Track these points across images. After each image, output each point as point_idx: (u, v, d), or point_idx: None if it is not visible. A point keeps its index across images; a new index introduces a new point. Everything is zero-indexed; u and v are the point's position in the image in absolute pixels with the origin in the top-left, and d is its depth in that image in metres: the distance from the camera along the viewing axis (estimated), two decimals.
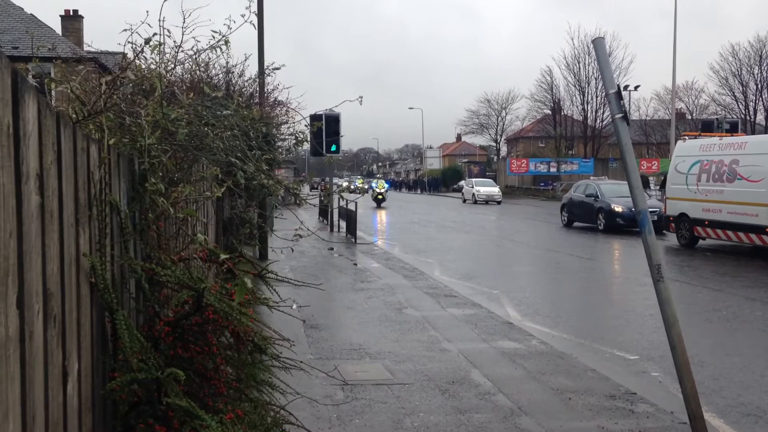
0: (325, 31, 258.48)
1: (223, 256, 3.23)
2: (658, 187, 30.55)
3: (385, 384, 5.72)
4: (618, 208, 20.33)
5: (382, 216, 30.99)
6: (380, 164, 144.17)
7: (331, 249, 15.71)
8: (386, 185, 40.68)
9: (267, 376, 3.44)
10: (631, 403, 5.28)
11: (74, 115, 2.63)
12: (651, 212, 17.89)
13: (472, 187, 44.63)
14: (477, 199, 42.75)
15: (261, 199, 7.89)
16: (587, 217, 22.33)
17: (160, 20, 3.30)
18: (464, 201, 45.34)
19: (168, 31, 3.42)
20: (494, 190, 43.71)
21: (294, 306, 3.90)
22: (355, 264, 13.49)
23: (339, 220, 20.95)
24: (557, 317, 8.90)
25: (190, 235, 3.71)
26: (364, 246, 16.93)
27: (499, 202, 41.92)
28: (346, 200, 20.08)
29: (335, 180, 49.06)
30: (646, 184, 32.16)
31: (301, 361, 3.80)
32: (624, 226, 20.27)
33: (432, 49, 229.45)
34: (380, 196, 38.32)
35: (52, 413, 1.83)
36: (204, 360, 2.92)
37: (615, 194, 20.91)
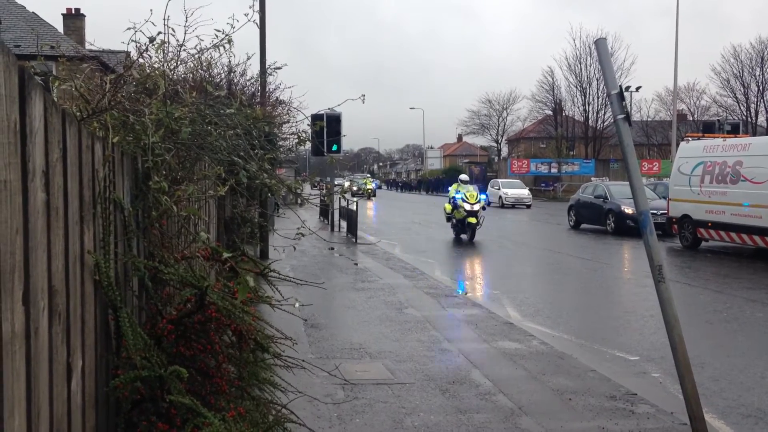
0: (325, 32, 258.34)
1: (226, 255, 3.24)
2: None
3: (386, 383, 5.73)
4: (628, 210, 19.84)
5: (383, 217, 30.95)
6: (381, 164, 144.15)
7: (332, 248, 15.72)
8: (482, 196, 19.08)
9: (269, 375, 3.45)
10: (631, 404, 5.29)
11: (79, 113, 2.64)
12: (661, 213, 18.01)
13: (499, 188, 39.99)
14: (504, 202, 38.43)
15: (263, 198, 7.90)
16: (596, 219, 22.04)
17: (164, 19, 3.31)
18: (488, 204, 43.21)
19: (172, 30, 3.43)
20: (524, 192, 39.59)
21: (297, 305, 3.91)
22: (356, 263, 13.50)
23: (340, 220, 20.96)
24: (558, 318, 8.91)
25: (193, 233, 3.72)
26: (364, 246, 16.93)
27: (528, 206, 37.88)
28: (347, 200, 20.08)
29: (337, 180, 48.51)
30: None
31: (303, 360, 3.81)
32: (634, 228, 19.67)
33: (432, 49, 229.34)
34: (472, 220, 18.10)
35: (57, 409, 1.84)
36: (206, 358, 2.93)
37: (625, 195, 20.19)
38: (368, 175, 74.21)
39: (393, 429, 4.71)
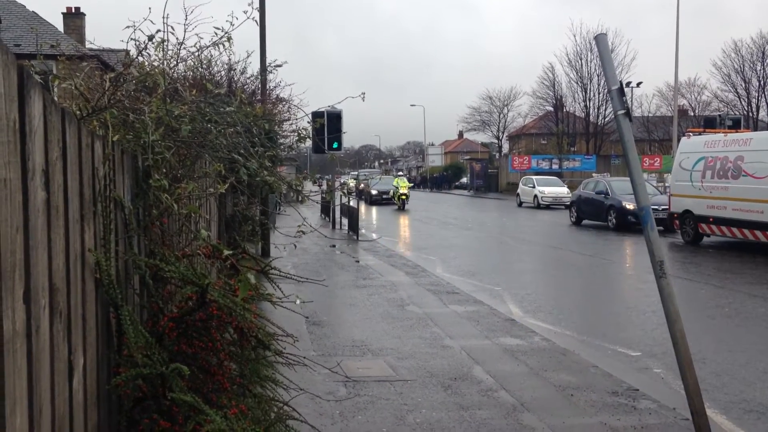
0: (324, 28, 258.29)
1: (226, 252, 3.24)
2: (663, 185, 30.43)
3: (388, 380, 5.74)
4: (629, 206, 19.76)
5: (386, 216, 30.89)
6: (382, 161, 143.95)
7: (333, 246, 15.73)
8: None
9: (270, 372, 3.45)
10: (633, 400, 5.29)
11: (78, 112, 2.64)
12: (663, 209, 18.02)
13: (534, 186, 34.65)
14: (541, 202, 33.55)
15: (264, 196, 7.90)
16: (597, 215, 22.02)
17: (164, 17, 3.31)
18: (520, 204, 35.78)
19: (172, 28, 3.43)
20: (562, 190, 34.08)
21: (298, 302, 3.92)
22: (357, 261, 13.50)
23: (341, 217, 20.97)
24: (560, 314, 8.91)
25: (194, 231, 3.72)
26: (366, 243, 16.94)
27: (567, 206, 30.50)
28: (348, 197, 20.06)
29: (344, 177, 45.56)
30: None
31: (304, 357, 3.81)
32: (635, 224, 19.58)
33: (432, 45, 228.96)
34: None
35: (58, 408, 1.84)
36: (208, 356, 2.93)
37: (626, 191, 20.03)
38: (397, 172, 37.51)
39: (395, 426, 4.72)
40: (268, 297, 3.51)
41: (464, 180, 66.40)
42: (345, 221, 20.27)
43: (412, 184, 29.76)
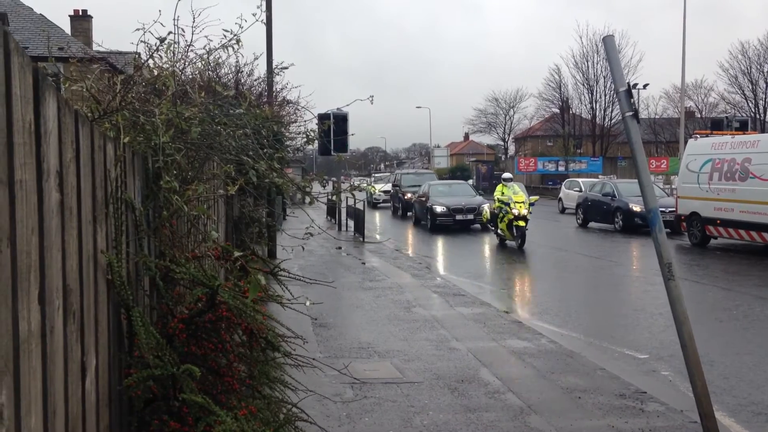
0: (327, 30, 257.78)
1: (237, 254, 3.25)
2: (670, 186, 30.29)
3: (395, 382, 5.74)
4: (636, 208, 19.64)
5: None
6: (388, 163, 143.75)
7: (339, 248, 15.74)
8: None
9: (279, 374, 3.46)
10: (641, 402, 5.27)
11: (90, 114, 2.66)
12: (670, 211, 17.94)
13: (581, 190, 28.31)
14: None
15: (271, 198, 7.91)
16: (604, 217, 21.92)
17: (174, 19, 3.32)
18: (562, 210, 30.48)
19: (182, 30, 3.45)
20: None
21: (308, 303, 3.93)
22: (364, 263, 13.50)
23: (347, 220, 20.98)
24: (566, 316, 8.89)
25: (203, 232, 3.73)
26: (372, 245, 16.94)
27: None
28: (354, 199, 20.07)
29: (355, 180, 45.03)
30: None
31: (313, 359, 3.81)
32: (642, 226, 19.42)
33: (437, 47, 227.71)
34: None
35: (72, 408, 1.85)
36: (217, 357, 2.94)
37: (633, 193, 19.80)
38: (505, 174, 18.97)
39: (402, 428, 4.71)
40: (277, 299, 3.52)
41: (470, 182, 66.20)
42: (351, 223, 20.28)
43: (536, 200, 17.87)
